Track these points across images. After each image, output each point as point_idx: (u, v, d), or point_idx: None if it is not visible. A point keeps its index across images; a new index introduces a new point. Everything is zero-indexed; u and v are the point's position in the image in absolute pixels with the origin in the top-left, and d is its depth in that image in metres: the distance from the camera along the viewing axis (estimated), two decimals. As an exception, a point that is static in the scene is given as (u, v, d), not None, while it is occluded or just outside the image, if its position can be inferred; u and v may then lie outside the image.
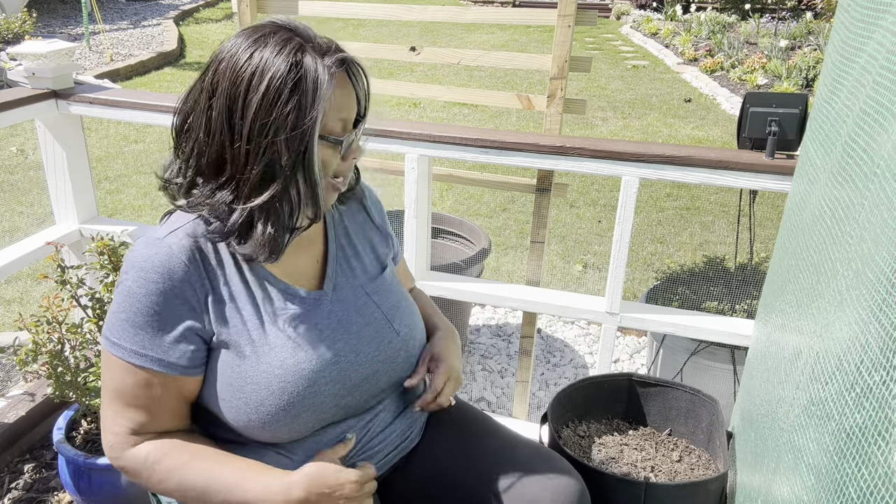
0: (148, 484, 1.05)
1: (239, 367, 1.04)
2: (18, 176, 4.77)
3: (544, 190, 2.09)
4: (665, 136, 6.14)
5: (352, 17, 2.25)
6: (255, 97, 0.94)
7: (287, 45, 0.96)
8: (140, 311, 1.00)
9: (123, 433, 1.04)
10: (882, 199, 0.76)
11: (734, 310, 2.34)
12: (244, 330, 1.04)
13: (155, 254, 1.01)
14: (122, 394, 1.03)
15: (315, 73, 0.95)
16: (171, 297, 1.00)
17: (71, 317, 1.81)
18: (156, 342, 1.01)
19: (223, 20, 11.58)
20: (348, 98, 1.02)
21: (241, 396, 1.04)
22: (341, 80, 1.00)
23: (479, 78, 8.18)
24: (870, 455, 0.63)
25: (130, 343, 1.01)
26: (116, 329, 1.02)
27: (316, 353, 1.07)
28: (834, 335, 0.84)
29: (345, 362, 1.09)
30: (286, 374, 1.04)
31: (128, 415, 1.04)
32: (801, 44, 8.56)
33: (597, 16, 2.01)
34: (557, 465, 1.23)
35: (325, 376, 1.07)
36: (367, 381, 1.12)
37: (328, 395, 1.07)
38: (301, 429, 1.08)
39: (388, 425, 1.20)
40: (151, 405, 1.04)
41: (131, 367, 1.02)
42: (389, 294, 1.19)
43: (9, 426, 2.02)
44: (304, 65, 0.95)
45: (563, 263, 3.84)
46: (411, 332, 1.19)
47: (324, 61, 0.97)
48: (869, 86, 0.93)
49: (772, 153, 1.68)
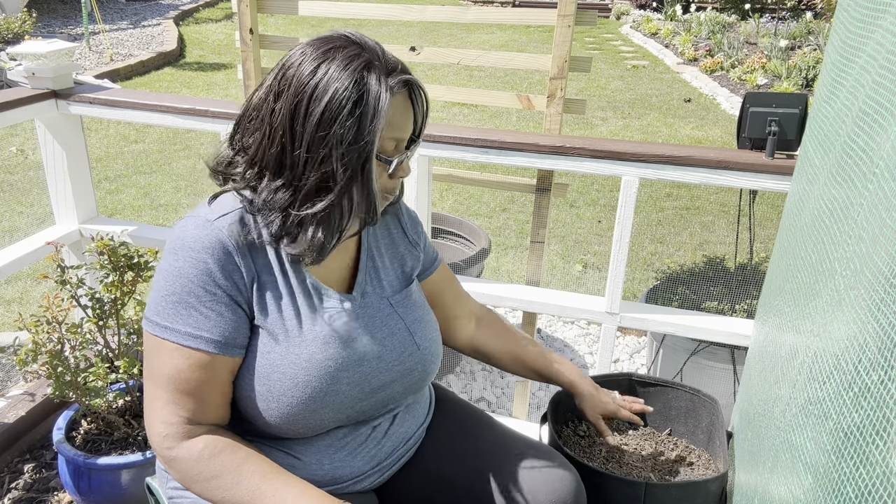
0: (196, 480, 1.02)
1: (269, 355, 1.05)
2: (18, 176, 4.77)
3: (544, 190, 2.09)
4: (665, 136, 6.14)
5: (352, 17, 2.25)
6: (318, 108, 0.95)
7: (354, 60, 0.97)
8: (192, 292, 1.00)
9: (179, 422, 1.02)
10: (881, 199, 0.76)
11: (734, 310, 2.34)
12: (280, 319, 1.06)
13: (206, 235, 1.01)
14: (174, 379, 1.01)
15: (377, 92, 0.96)
16: (223, 277, 1.01)
17: (71, 317, 1.81)
18: (210, 323, 1.01)
19: (223, 20, 11.58)
20: (406, 119, 1.04)
21: (266, 384, 1.05)
22: (402, 101, 1.02)
23: (479, 78, 8.18)
24: (868, 454, 0.63)
25: (184, 325, 1.00)
26: (167, 311, 1.01)
27: (343, 352, 1.08)
28: (832, 335, 0.85)
29: (367, 367, 1.10)
30: (312, 367, 1.05)
31: (181, 402, 1.02)
32: (800, 44, 8.56)
33: (597, 16, 2.02)
34: (553, 459, 1.24)
35: (348, 377, 1.08)
36: (384, 388, 1.13)
37: (347, 395, 1.08)
38: (316, 425, 1.08)
39: (395, 433, 1.20)
40: (204, 390, 1.03)
41: (186, 351, 1.01)
42: (414, 308, 1.20)
43: (9, 426, 2.02)
44: (367, 82, 0.96)
45: (563, 263, 3.84)
46: (431, 347, 1.20)
47: (388, 81, 0.98)
48: (868, 86, 0.93)
49: (771, 153, 1.68)
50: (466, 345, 1.44)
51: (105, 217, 2.47)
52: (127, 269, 1.76)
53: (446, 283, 1.38)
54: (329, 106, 0.95)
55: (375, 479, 1.19)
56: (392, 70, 1.00)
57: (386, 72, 0.99)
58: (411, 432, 1.24)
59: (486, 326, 1.44)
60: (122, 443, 1.79)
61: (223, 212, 1.04)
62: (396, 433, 1.20)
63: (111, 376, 1.75)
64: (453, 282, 1.41)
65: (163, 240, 2.27)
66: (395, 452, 1.21)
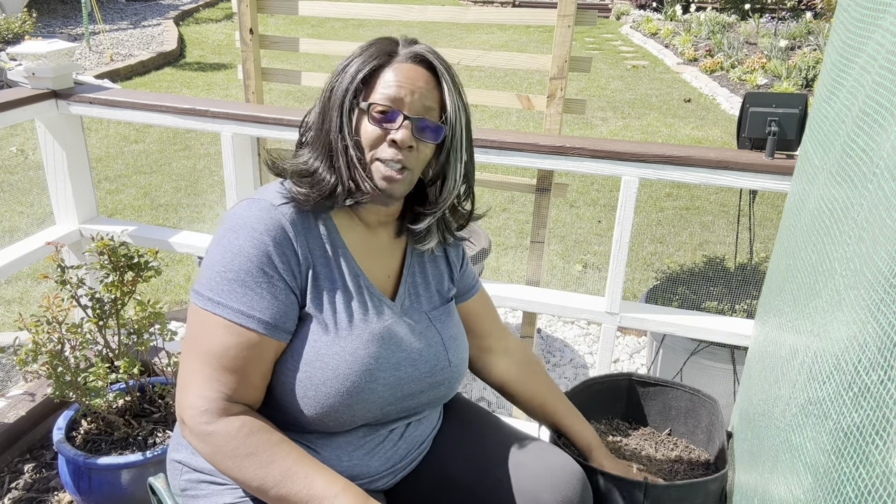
0: (229, 456, 1.00)
1: (316, 343, 1.06)
2: (18, 176, 4.77)
3: (544, 190, 2.09)
4: (665, 136, 6.14)
5: (352, 17, 2.25)
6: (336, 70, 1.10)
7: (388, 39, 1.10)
8: (249, 271, 1.01)
9: (218, 398, 1.01)
10: (881, 199, 0.76)
11: (734, 310, 2.34)
12: (331, 310, 1.08)
13: (270, 217, 1.04)
14: (219, 356, 1.01)
15: (371, 45, 1.08)
16: (281, 261, 1.03)
17: (71, 317, 1.81)
18: (263, 303, 1.02)
19: (223, 20, 11.58)
20: (410, 80, 1.06)
21: (308, 371, 1.05)
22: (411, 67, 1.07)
23: (479, 78, 8.18)
24: (867, 454, 0.63)
25: (237, 303, 1.01)
26: (222, 287, 1.01)
27: (385, 353, 1.10)
28: (832, 335, 0.85)
29: (403, 372, 1.12)
30: (356, 362, 1.07)
31: (223, 379, 1.01)
32: (800, 44, 8.56)
33: (597, 16, 2.02)
34: (558, 456, 1.24)
35: (385, 378, 1.10)
36: (412, 396, 1.15)
37: (380, 395, 1.10)
38: (346, 420, 1.09)
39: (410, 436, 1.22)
40: (247, 369, 1.03)
41: (236, 328, 1.01)
42: (450, 325, 1.23)
43: (9, 426, 2.02)
44: (377, 42, 1.09)
45: (563, 263, 3.84)
46: (461, 365, 1.22)
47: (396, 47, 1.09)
48: (868, 86, 0.93)
49: (771, 153, 1.68)
50: (496, 381, 1.42)
51: (105, 217, 2.47)
52: (127, 269, 1.76)
53: (483, 312, 1.38)
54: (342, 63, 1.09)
55: (388, 480, 1.20)
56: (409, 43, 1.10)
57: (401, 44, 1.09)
58: (424, 436, 1.25)
59: (520, 369, 1.41)
60: (123, 443, 1.79)
61: (286, 199, 1.08)
62: (412, 437, 1.22)
63: (111, 376, 1.75)
64: (491, 312, 1.40)
65: (163, 240, 2.27)
66: (408, 455, 1.22)
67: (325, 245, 1.10)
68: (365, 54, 1.08)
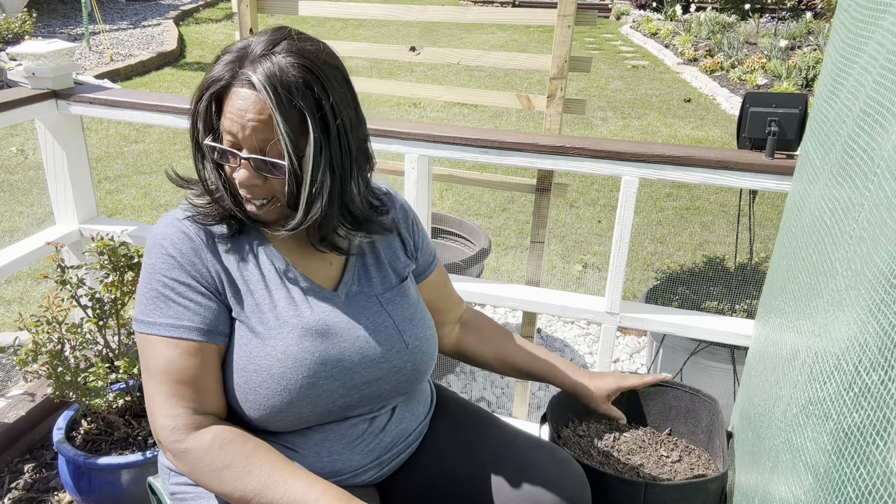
0: (206, 471, 1.01)
1: (246, 347, 1.06)
2: (18, 176, 4.77)
3: (544, 190, 2.09)
4: (665, 136, 6.14)
5: (352, 17, 2.25)
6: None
7: (239, 50, 1.00)
8: (167, 285, 1.04)
9: (183, 413, 1.03)
10: (881, 199, 0.76)
11: (734, 310, 2.34)
12: (256, 311, 1.07)
13: (174, 231, 1.06)
14: (167, 372, 1.03)
15: (225, 64, 0.99)
16: (193, 270, 1.05)
17: (71, 317, 1.81)
18: (189, 312, 1.04)
19: (223, 20, 11.57)
20: (244, 115, 0.96)
21: (244, 376, 1.06)
22: (248, 95, 0.96)
23: (479, 78, 8.18)
24: (868, 455, 0.63)
25: (164, 317, 1.04)
26: (148, 308, 1.05)
27: (321, 346, 1.08)
28: (832, 335, 0.85)
29: (348, 362, 1.10)
30: (288, 359, 1.05)
31: (180, 393, 1.03)
32: (800, 44, 8.56)
33: (597, 16, 2.02)
34: (558, 455, 1.24)
35: (326, 371, 1.07)
36: (368, 384, 1.12)
37: (325, 389, 1.08)
38: (295, 419, 1.08)
39: (394, 428, 1.20)
40: (200, 378, 1.04)
41: (172, 341, 1.03)
42: (405, 305, 1.19)
43: (9, 426, 2.02)
44: (225, 55, 1.00)
45: (563, 263, 3.84)
46: (422, 345, 1.19)
47: (243, 66, 0.97)
48: (869, 86, 0.93)
49: (771, 153, 1.68)
50: (451, 349, 1.43)
51: (105, 217, 2.47)
52: (127, 269, 1.76)
53: (439, 290, 1.36)
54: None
55: (375, 473, 1.19)
56: (254, 60, 0.97)
57: (247, 57, 0.98)
58: (412, 428, 1.24)
59: (470, 330, 1.43)
60: (123, 443, 1.79)
61: (189, 212, 1.09)
62: (396, 428, 1.20)
63: (111, 376, 1.75)
64: (446, 289, 1.38)
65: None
66: (394, 447, 1.21)
67: (246, 246, 1.10)
68: (211, 71, 0.99)
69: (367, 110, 1.09)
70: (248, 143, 0.98)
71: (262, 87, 0.94)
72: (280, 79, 0.94)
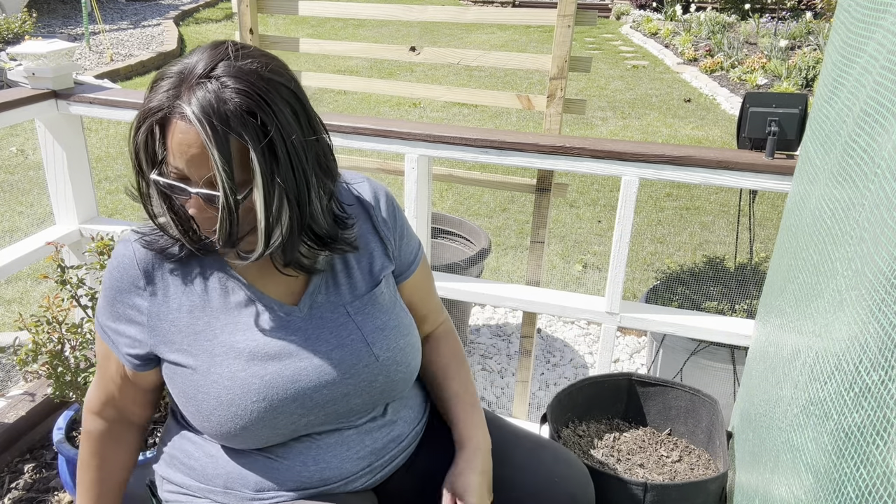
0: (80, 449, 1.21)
1: (191, 376, 1.06)
2: (18, 176, 4.77)
3: (544, 190, 2.09)
4: (665, 136, 6.14)
5: (352, 17, 2.25)
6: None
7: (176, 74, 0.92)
8: (106, 297, 1.10)
9: (92, 396, 1.18)
10: (882, 199, 0.76)
11: (734, 310, 2.34)
12: (196, 340, 1.06)
13: (122, 253, 1.09)
14: (98, 360, 1.16)
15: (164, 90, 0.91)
16: (124, 295, 1.08)
17: (71, 317, 1.81)
18: (111, 329, 1.11)
19: (223, 20, 11.57)
20: (187, 150, 0.91)
21: (194, 404, 1.06)
22: (187, 129, 0.90)
23: (479, 78, 8.18)
24: (868, 455, 0.63)
25: (100, 317, 1.12)
26: (99, 302, 1.14)
27: (271, 368, 1.04)
28: (833, 335, 0.85)
29: (305, 381, 1.05)
30: (235, 386, 1.03)
31: (99, 380, 1.17)
32: (800, 44, 8.56)
33: (597, 16, 2.02)
34: (561, 453, 1.23)
35: (280, 393, 1.04)
36: (333, 402, 1.08)
37: (283, 412, 1.04)
38: (256, 441, 1.07)
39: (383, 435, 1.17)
40: (112, 378, 1.15)
41: (100, 338, 1.13)
42: (376, 314, 1.13)
43: (9, 426, 2.02)
44: (159, 82, 0.93)
45: (563, 263, 3.84)
46: (395, 356, 1.12)
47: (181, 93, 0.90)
48: (869, 86, 0.93)
49: (771, 153, 1.68)
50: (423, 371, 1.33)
51: (105, 217, 2.47)
52: (127, 269, 1.76)
53: (414, 295, 1.26)
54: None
55: (368, 479, 1.16)
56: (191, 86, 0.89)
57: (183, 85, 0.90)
58: (405, 433, 1.20)
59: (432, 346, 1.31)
60: (123, 443, 1.79)
61: (144, 232, 1.08)
62: (387, 435, 1.17)
63: (111, 376, 1.75)
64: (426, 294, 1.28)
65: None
66: (387, 453, 1.17)
67: (197, 269, 1.07)
68: (150, 99, 0.92)
69: (367, 110, 1.07)
70: (197, 177, 0.92)
71: (196, 120, 0.88)
72: (217, 110, 0.87)
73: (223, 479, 1.11)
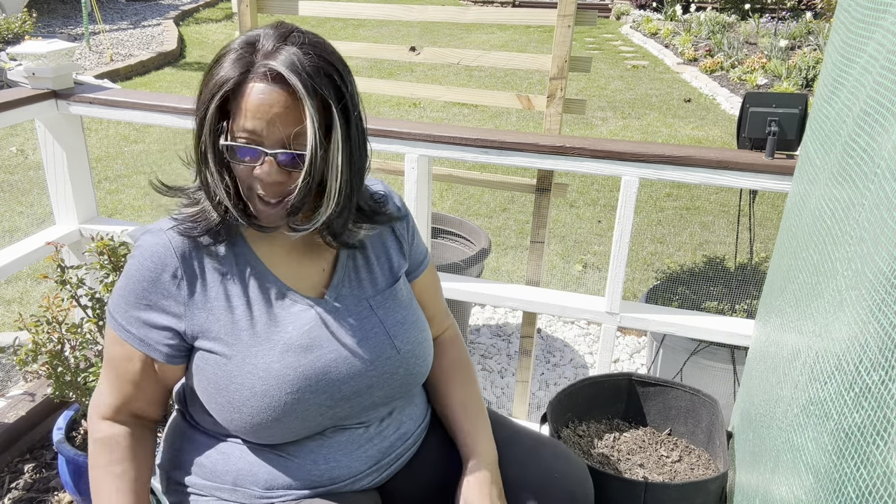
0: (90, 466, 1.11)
1: (225, 366, 1.05)
2: (18, 176, 4.77)
3: (544, 190, 2.09)
4: (665, 136, 6.14)
5: (352, 17, 2.25)
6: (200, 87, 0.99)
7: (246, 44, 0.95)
8: (132, 291, 1.06)
9: (105, 402, 1.11)
10: (882, 199, 0.76)
11: (734, 310, 2.34)
12: (233, 329, 1.06)
13: (155, 242, 1.05)
14: (112, 364, 1.10)
15: (235, 59, 0.94)
16: (159, 286, 1.05)
17: (71, 317, 1.81)
18: (140, 323, 1.06)
19: (223, 20, 11.57)
20: (269, 109, 0.93)
21: (226, 395, 1.05)
22: (270, 90, 0.92)
23: (479, 78, 8.18)
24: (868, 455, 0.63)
25: (121, 317, 1.07)
26: (115, 302, 1.08)
27: (304, 360, 1.06)
28: (833, 335, 0.85)
29: (335, 374, 1.07)
30: (270, 377, 1.04)
31: (114, 384, 1.10)
32: (800, 44, 8.56)
33: (597, 16, 2.02)
34: (560, 450, 1.23)
35: (311, 385, 1.05)
36: (359, 394, 1.10)
37: (313, 403, 1.06)
38: (285, 434, 1.07)
39: (391, 433, 1.18)
40: (133, 380, 1.09)
41: (119, 340, 1.08)
42: (396, 309, 1.16)
43: (9, 426, 2.02)
44: (232, 51, 0.95)
45: (563, 263, 3.84)
46: (414, 349, 1.15)
47: (261, 58, 0.93)
48: (869, 86, 0.93)
49: (771, 153, 1.68)
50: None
51: (105, 217, 2.47)
52: (127, 269, 1.76)
53: (423, 295, 1.28)
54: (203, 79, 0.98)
55: (374, 478, 1.17)
56: (268, 53, 0.93)
57: (259, 51, 0.94)
58: (411, 431, 1.22)
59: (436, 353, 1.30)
60: (123, 443, 1.79)
61: (177, 222, 1.06)
62: (395, 433, 1.19)
63: (111, 376, 1.75)
64: (434, 296, 1.30)
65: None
66: (393, 452, 1.19)
67: (231, 260, 1.07)
68: (218, 71, 0.95)
69: (367, 110, 1.07)
70: (273, 138, 0.94)
71: (290, 75, 0.91)
72: (304, 67, 0.91)
73: (233, 475, 1.11)
